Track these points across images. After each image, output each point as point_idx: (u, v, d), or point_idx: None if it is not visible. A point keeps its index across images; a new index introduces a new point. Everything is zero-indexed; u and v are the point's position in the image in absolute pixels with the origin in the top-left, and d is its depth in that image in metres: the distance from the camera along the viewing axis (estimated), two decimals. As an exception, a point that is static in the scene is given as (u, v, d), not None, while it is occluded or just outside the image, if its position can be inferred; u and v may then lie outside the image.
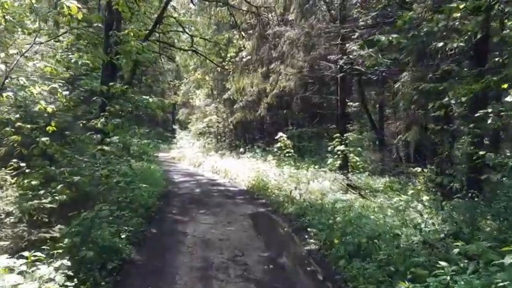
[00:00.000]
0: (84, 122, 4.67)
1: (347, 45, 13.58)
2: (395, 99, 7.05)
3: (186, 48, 13.78)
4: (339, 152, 14.40)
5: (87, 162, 7.74)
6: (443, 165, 7.46)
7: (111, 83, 5.64)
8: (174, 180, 16.29)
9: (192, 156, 23.94)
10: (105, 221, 5.69)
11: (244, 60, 16.90)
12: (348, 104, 17.82)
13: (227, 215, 9.27)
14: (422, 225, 5.44)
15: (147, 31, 10.27)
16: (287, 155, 15.25)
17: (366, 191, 11.09)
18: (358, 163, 14.92)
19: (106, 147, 4.69)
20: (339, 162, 14.52)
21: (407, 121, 8.75)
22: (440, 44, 5.24)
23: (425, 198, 7.07)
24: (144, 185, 8.21)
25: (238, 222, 8.52)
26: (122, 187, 6.95)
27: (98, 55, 5.74)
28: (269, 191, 12.06)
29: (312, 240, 6.67)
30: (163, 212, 9.35)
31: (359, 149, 15.07)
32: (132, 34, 5.53)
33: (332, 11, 15.71)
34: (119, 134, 5.39)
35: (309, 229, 7.07)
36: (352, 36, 13.78)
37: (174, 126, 34.29)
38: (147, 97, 5.10)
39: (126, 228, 6.10)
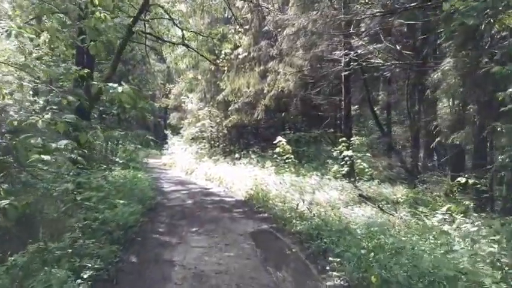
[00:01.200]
0: (18, 119, 3.23)
1: (352, 41, 12.27)
2: (437, 92, 5.66)
3: (177, 42, 12.29)
4: (346, 158, 13.04)
5: (53, 174, 6.25)
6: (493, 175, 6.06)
7: (63, 64, 4.16)
8: (163, 189, 14.76)
9: (184, 163, 22.51)
10: (61, 256, 4.18)
11: (240, 57, 15.45)
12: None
13: (224, 234, 7.77)
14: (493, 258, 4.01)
15: (132, 18, 8.80)
16: (287, 161, 13.89)
17: (383, 203, 9.66)
18: (366, 170, 13.49)
19: (45, 156, 3.23)
20: (346, 169, 13.13)
21: (453, 119, 7.33)
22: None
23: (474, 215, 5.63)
24: (121, 201, 6.66)
25: (237, 244, 7.02)
26: (89, 206, 5.44)
27: (53, 32, 4.28)
28: (270, 202, 10.59)
29: (335, 273, 5.17)
30: (148, 231, 7.81)
31: (368, 154, 13.65)
32: (97, 2, 4.07)
33: (335, 6, 14.38)
34: (81, 136, 3.91)
35: (330, 258, 5.57)
36: (360, 31, 12.48)
37: (166, 131, 32.81)
38: (115, 85, 3.62)
39: (91, 264, 4.54)
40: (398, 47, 9.20)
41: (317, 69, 16.67)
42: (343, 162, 13.09)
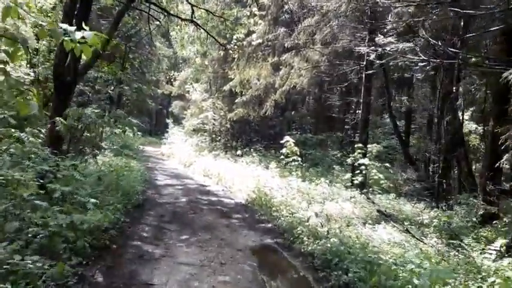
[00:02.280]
0: None
1: (377, 38, 10.87)
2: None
3: (185, 18, 10.90)
4: (362, 167, 11.65)
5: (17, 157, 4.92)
6: None
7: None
8: (156, 182, 13.40)
9: (183, 155, 21.17)
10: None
11: (253, 44, 14.03)
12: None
13: (220, 247, 6.38)
14: None
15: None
16: (293, 163, 12.49)
17: (406, 224, 8.26)
18: (381, 181, 12.06)
19: None
20: (360, 178, 11.74)
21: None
22: None
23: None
24: (92, 200, 5.26)
25: (236, 264, 5.62)
26: (40, 205, 4.05)
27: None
28: (274, 209, 9.22)
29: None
30: (127, 235, 6.43)
31: (387, 164, 12.26)
32: None
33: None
34: (19, 103, 2.56)
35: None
36: (386, 27, 11.11)
37: (168, 120, 31.57)
38: (72, 28, 2.25)
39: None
40: (439, 43, 7.80)
41: (335, 66, 15.28)
42: (358, 171, 11.71)
